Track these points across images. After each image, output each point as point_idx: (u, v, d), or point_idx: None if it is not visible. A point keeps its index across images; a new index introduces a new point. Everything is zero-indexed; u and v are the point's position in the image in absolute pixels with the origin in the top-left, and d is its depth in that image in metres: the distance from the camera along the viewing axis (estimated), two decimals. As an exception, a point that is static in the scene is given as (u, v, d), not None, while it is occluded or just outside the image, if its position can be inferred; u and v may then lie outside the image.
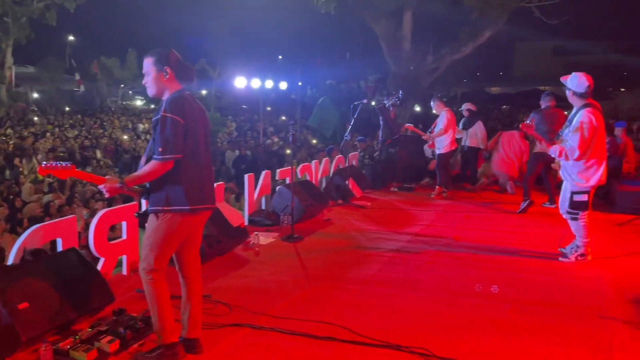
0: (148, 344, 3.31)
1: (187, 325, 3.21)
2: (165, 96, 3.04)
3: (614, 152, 8.55)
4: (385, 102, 10.37)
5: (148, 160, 3.00)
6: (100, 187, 2.97)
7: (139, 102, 36.70)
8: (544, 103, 7.56)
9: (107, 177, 3.00)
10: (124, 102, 35.20)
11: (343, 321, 3.66)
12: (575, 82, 4.93)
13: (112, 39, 32.93)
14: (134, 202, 4.91)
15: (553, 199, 7.81)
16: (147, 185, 3.04)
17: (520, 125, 5.26)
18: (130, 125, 24.04)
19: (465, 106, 10.00)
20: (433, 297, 4.20)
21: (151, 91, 3.08)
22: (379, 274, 4.82)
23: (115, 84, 32.77)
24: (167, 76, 3.02)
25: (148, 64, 3.06)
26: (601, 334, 3.52)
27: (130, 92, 36.63)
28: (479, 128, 9.73)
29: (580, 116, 4.85)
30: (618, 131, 9.12)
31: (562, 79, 5.06)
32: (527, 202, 7.52)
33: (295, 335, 3.47)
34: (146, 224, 3.09)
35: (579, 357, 3.20)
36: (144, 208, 4.76)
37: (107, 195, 2.98)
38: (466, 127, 9.79)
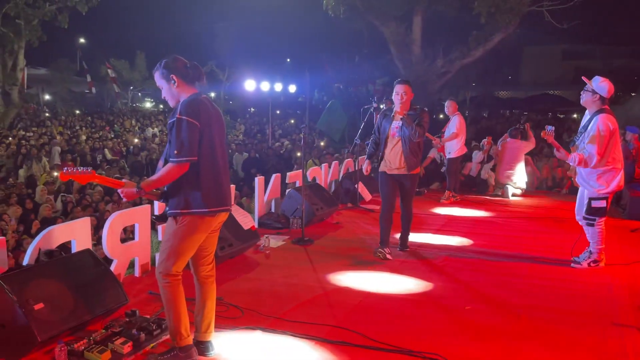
0: (161, 345, 3.34)
1: (201, 328, 3.23)
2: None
3: (626, 158, 8.47)
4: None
5: (165, 163, 3.02)
6: (119, 191, 3.01)
7: (148, 105, 36.94)
8: None
9: (124, 181, 3.03)
10: (134, 105, 35.45)
11: (355, 325, 3.67)
12: (596, 84, 4.82)
13: (121, 41, 33.20)
14: (146, 205, 4.95)
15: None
16: (165, 188, 3.07)
17: (541, 134, 5.09)
18: (138, 128, 24.17)
19: None
20: (443, 303, 4.20)
21: (171, 103, 3.12)
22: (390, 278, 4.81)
23: (124, 85, 33.02)
24: (176, 84, 3.04)
25: (157, 78, 3.10)
26: (613, 341, 3.50)
27: (139, 94, 36.88)
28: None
29: (596, 122, 4.76)
30: (630, 136, 9.04)
31: (585, 79, 4.90)
32: None
33: (308, 339, 3.48)
34: (164, 227, 3.11)
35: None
36: (156, 210, 4.82)
37: (125, 200, 3.01)
38: None
